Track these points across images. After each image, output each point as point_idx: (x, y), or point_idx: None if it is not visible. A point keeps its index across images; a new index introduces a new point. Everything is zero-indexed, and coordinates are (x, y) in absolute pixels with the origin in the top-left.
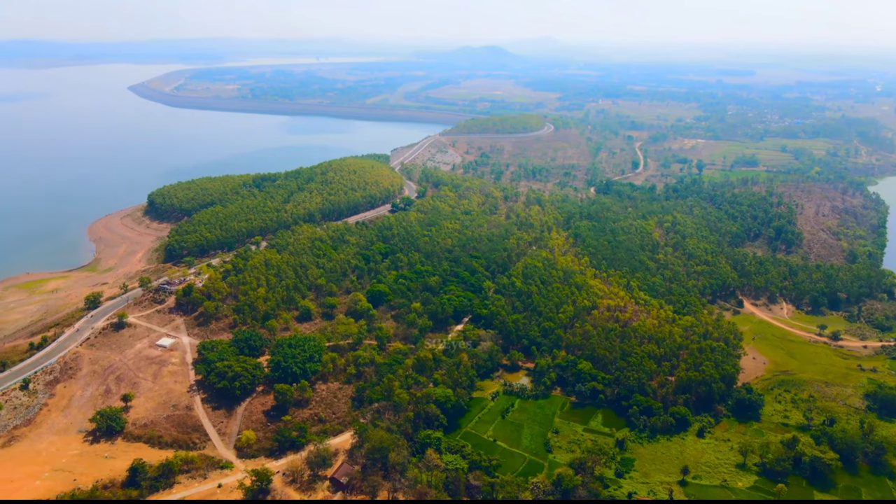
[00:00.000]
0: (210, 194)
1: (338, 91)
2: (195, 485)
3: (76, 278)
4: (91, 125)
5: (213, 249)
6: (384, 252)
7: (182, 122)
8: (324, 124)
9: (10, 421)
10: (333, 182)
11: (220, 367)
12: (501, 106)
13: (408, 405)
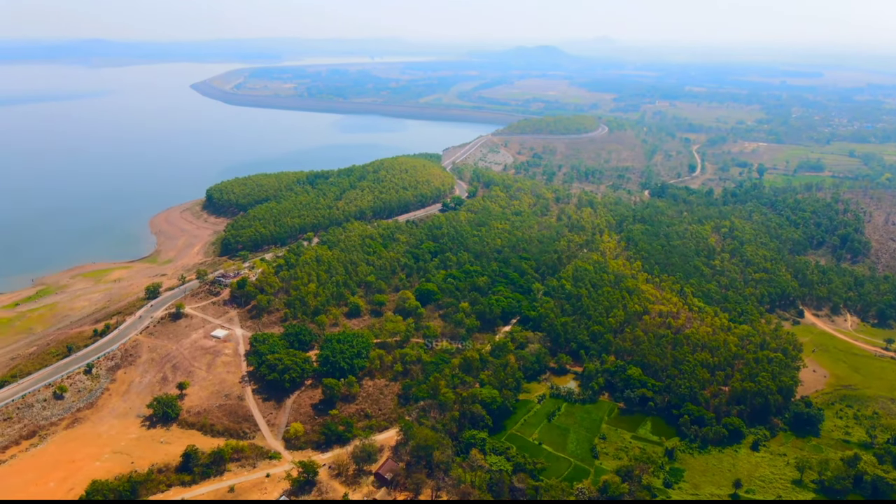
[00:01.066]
0: (265, 190)
1: (391, 90)
2: (244, 473)
3: (138, 269)
4: (155, 122)
5: (267, 244)
6: (433, 251)
7: (241, 119)
8: (377, 123)
9: (74, 403)
10: (385, 180)
11: (270, 359)
12: (555, 106)
13: (453, 404)
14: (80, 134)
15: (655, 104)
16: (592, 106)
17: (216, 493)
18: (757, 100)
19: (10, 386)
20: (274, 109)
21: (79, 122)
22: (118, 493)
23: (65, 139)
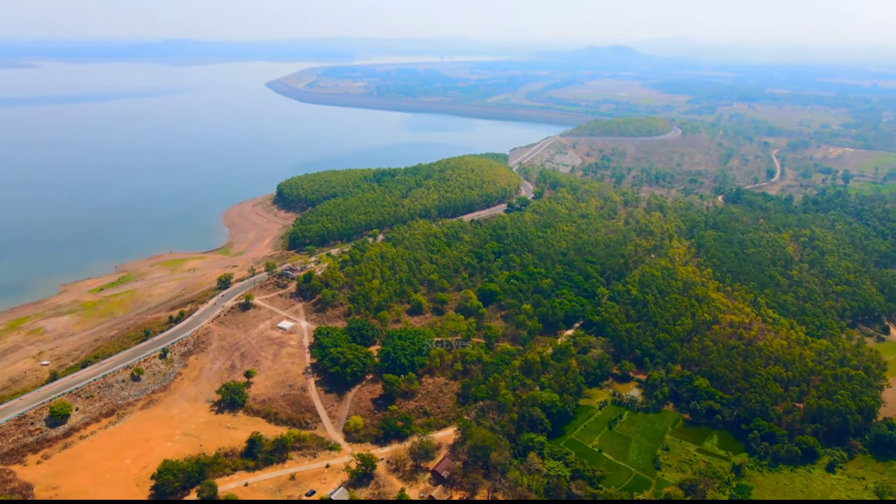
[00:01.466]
0: (333, 187)
1: (459, 89)
2: (305, 462)
3: (211, 259)
4: (231, 118)
5: (334, 240)
6: (497, 251)
7: (312, 116)
8: (444, 122)
9: (149, 385)
10: (451, 179)
11: (333, 352)
12: (626, 108)
13: (512, 406)
14: (162, 129)
15: (733, 106)
16: (665, 108)
17: (278, 479)
18: (844, 102)
19: (92, 366)
20: (344, 107)
21: (161, 118)
22: (187, 473)
23: (148, 134)
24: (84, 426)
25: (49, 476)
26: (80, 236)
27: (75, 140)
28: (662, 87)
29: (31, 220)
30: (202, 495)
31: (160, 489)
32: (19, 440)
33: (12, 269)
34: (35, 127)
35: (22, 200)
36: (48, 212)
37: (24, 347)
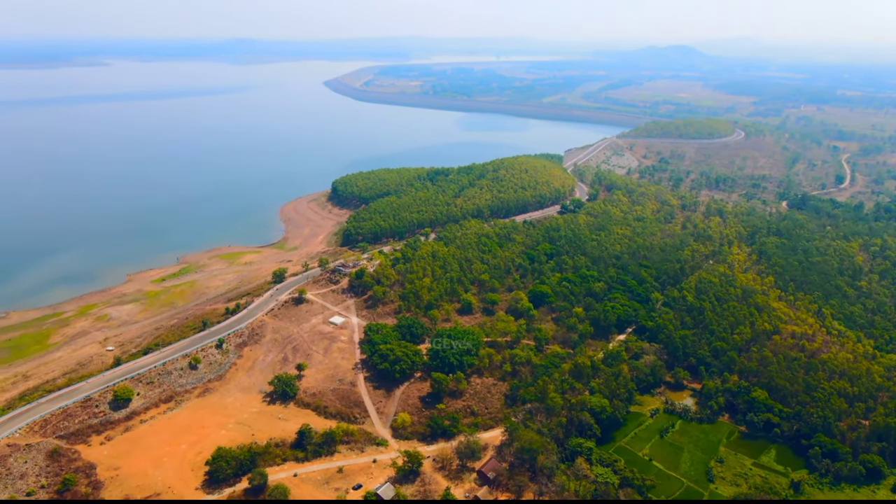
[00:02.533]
0: (387, 185)
1: (515, 89)
2: (353, 456)
3: (267, 254)
4: (290, 116)
5: (386, 237)
6: (549, 253)
7: (368, 115)
8: (499, 122)
9: (205, 374)
10: (504, 179)
11: (383, 349)
12: (686, 109)
13: (561, 410)
14: (224, 126)
15: (800, 109)
16: (728, 109)
17: (326, 472)
18: None
19: (153, 353)
20: (399, 106)
21: (223, 115)
22: (239, 461)
23: (210, 130)
24: (144, 410)
25: (111, 457)
26: (146, 228)
27: (143, 136)
28: (725, 88)
29: (101, 213)
30: (253, 483)
31: (213, 475)
32: (84, 421)
33: (83, 259)
34: (108, 123)
35: (93, 193)
36: (117, 204)
37: (91, 333)
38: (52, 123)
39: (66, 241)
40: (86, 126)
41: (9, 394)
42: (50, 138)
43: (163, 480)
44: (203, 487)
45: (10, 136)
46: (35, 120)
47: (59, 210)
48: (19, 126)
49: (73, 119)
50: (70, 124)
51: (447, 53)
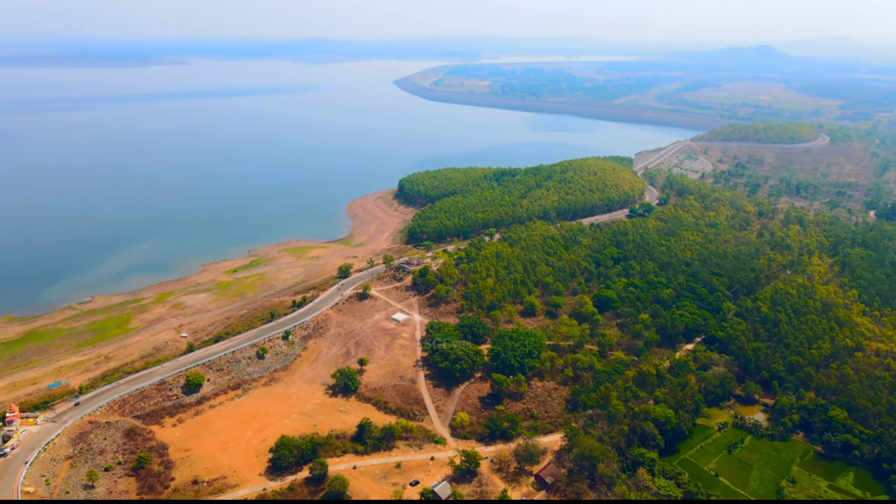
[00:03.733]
0: (453, 184)
1: (586, 90)
2: (411, 452)
3: (333, 249)
4: (359, 114)
5: (450, 236)
6: (616, 257)
7: (436, 114)
8: (568, 122)
9: (272, 364)
10: (571, 181)
11: (444, 348)
12: (767, 112)
13: (623, 418)
14: (296, 123)
15: (893, 113)
16: (813, 113)
17: (384, 466)
18: None
19: (223, 341)
20: (468, 105)
21: (294, 112)
22: (301, 450)
23: (282, 128)
24: (214, 396)
25: (182, 439)
26: (220, 221)
27: (220, 133)
28: (810, 91)
29: (180, 205)
30: (314, 472)
31: (276, 462)
32: (159, 403)
33: (161, 248)
34: (188, 120)
35: (174, 186)
36: (195, 197)
37: (167, 319)
38: (138, 119)
39: (147, 231)
40: (168, 122)
41: (92, 373)
42: (136, 134)
43: (229, 464)
44: (266, 473)
45: (102, 131)
46: (124, 116)
47: (143, 202)
48: (111, 122)
49: (156, 115)
50: (154, 120)
51: (518, 53)
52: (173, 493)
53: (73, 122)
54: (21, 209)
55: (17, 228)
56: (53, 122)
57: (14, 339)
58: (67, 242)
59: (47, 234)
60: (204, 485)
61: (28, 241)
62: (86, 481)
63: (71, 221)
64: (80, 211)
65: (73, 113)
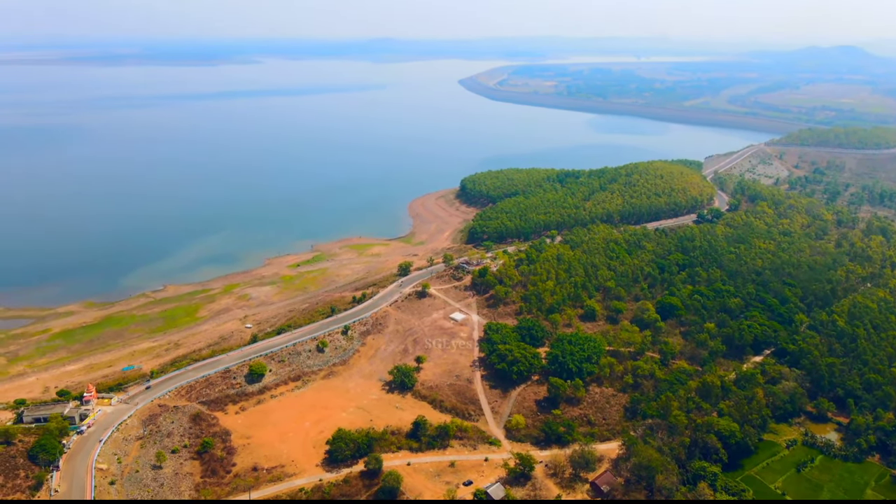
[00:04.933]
0: (515, 184)
1: (654, 91)
2: (465, 452)
3: (394, 247)
4: (424, 113)
5: (511, 237)
6: (681, 264)
7: (500, 114)
8: (635, 124)
9: (331, 358)
10: (637, 184)
11: (501, 349)
12: (849, 116)
13: (685, 429)
14: (360, 121)
15: None
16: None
17: (438, 465)
18: None
19: (285, 334)
20: (532, 106)
21: (359, 111)
22: (357, 444)
23: (346, 127)
24: (275, 386)
25: (244, 426)
26: (285, 216)
27: (286, 131)
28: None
29: (247, 200)
30: (369, 466)
31: (333, 454)
32: (223, 391)
33: (229, 241)
34: (255, 117)
35: (240, 181)
36: (261, 193)
37: (232, 310)
38: (209, 117)
39: (217, 224)
40: (238, 120)
41: (162, 359)
42: (207, 131)
43: (287, 453)
44: (323, 465)
45: (176, 128)
46: (196, 113)
47: (212, 196)
48: (184, 119)
49: (226, 113)
50: (224, 118)
51: (585, 53)
52: (234, 479)
53: (150, 119)
54: (102, 200)
55: (98, 218)
56: (132, 119)
57: (93, 324)
58: (143, 233)
59: (125, 224)
60: (263, 472)
61: (107, 231)
62: (154, 462)
63: (147, 213)
64: (156, 203)
65: (149, 110)
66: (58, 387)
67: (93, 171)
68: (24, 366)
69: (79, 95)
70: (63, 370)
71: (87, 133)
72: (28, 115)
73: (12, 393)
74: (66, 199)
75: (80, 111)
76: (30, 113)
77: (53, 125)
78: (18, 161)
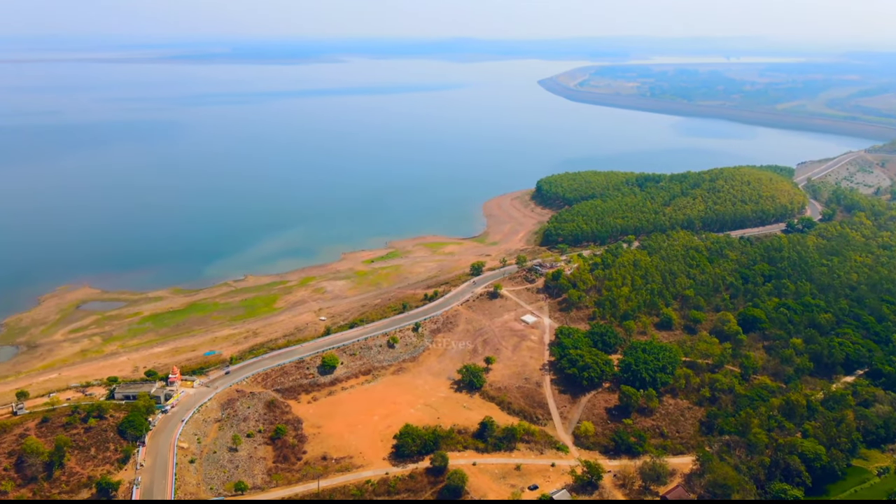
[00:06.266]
0: (592, 187)
1: (744, 94)
2: (532, 456)
3: (467, 246)
4: (501, 113)
5: (586, 241)
6: (767, 275)
7: (579, 115)
8: (721, 128)
9: (401, 354)
10: (721, 191)
11: (572, 354)
12: None
13: (765, 448)
14: (438, 120)
15: None
16: None
17: (504, 467)
18: None
19: (357, 328)
20: (613, 108)
21: (438, 110)
22: (424, 440)
23: (424, 126)
24: (346, 379)
25: (315, 416)
26: (361, 213)
27: (362, 130)
28: None
29: (325, 196)
30: (434, 464)
31: (399, 449)
32: (297, 380)
33: (306, 235)
34: (336, 115)
35: (319, 179)
36: (339, 189)
37: (308, 303)
38: (294, 114)
39: (296, 219)
40: (320, 118)
41: (240, 346)
42: (290, 128)
43: (356, 445)
44: (389, 458)
45: (262, 124)
46: (282, 110)
47: (293, 191)
48: (270, 115)
49: (310, 110)
50: (307, 115)
51: (670, 54)
52: (304, 466)
53: (238, 115)
54: (193, 193)
55: (188, 210)
56: (223, 115)
57: (179, 309)
58: (228, 225)
59: (212, 216)
60: (332, 461)
61: (196, 222)
62: (230, 444)
63: (232, 206)
64: (240, 197)
65: (238, 106)
66: (146, 367)
67: (186, 165)
68: (117, 346)
69: (176, 92)
70: (151, 352)
71: (183, 128)
72: (135, 110)
73: (106, 370)
74: (162, 192)
75: (177, 107)
76: (137, 108)
77: (155, 120)
78: (125, 155)
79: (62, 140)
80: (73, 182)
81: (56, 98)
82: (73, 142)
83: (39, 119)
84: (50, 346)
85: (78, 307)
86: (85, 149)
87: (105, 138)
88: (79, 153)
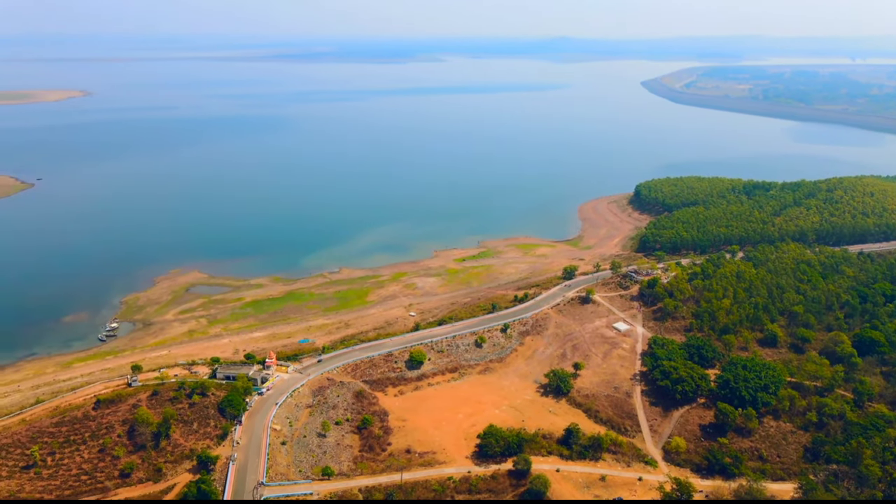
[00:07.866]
0: (695, 194)
1: (870, 98)
2: (618, 468)
3: (560, 249)
4: (601, 115)
5: (685, 249)
6: (889, 294)
7: (683, 118)
8: (842, 134)
9: (488, 354)
10: (839, 201)
11: (666, 365)
12: None
13: (878, 482)
14: (537, 121)
15: None
16: None
17: (588, 476)
18: None
19: (446, 325)
20: (722, 111)
21: (537, 110)
22: (508, 442)
23: (523, 127)
24: (432, 375)
25: (401, 409)
26: (455, 211)
27: (463, 128)
28: None
29: (420, 194)
30: (517, 466)
31: (482, 448)
32: (384, 373)
33: (401, 231)
34: (437, 114)
35: (415, 177)
36: (434, 188)
37: (398, 298)
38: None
39: (391, 214)
40: (420, 117)
41: (333, 336)
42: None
43: (439, 441)
44: (472, 457)
45: (364, 123)
46: (384, 108)
47: (390, 188)
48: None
49: (410, 109)
50: (406, 114)
51: (786, 55)
52: (388, 457)
53: (342, 112)
54: (298, 187)
55: (289, 203)
56: (328, 112)
57: (278, 297)
58: (327, 218)
59: (312, 209)
60: (416, 455)
61: (296, 215)
62: (319, 430)
63: (332, 201)
64: (339, 192)
65: (342, 104)
66: (245, 350)
67: (288, 160)
68: (220, 328)
69: (285, 89)
70: (250, 336)
71: (291, 123)
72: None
73: (210, 351)
74: (264, 187)
75: (286, 104)
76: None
77: (267, 116)
78: (234, 149)
79: (179, 133)
80: (188, 172)
81: (171, 94)
82: (188, 135)
83: (159, 114)
84: (162, 325)
85: (187, 290)
86: (200, 142)
87: (217, 133)
88: (194, 146)
